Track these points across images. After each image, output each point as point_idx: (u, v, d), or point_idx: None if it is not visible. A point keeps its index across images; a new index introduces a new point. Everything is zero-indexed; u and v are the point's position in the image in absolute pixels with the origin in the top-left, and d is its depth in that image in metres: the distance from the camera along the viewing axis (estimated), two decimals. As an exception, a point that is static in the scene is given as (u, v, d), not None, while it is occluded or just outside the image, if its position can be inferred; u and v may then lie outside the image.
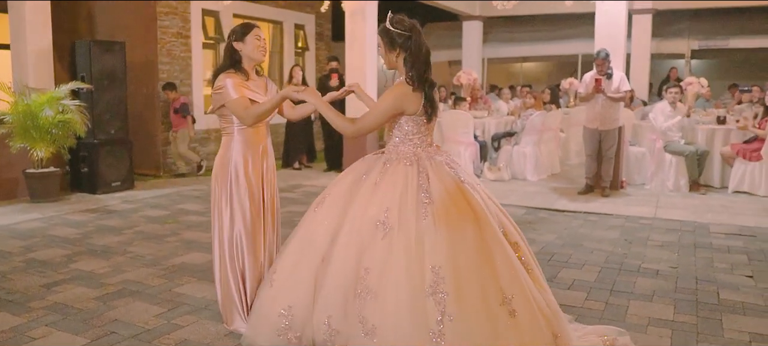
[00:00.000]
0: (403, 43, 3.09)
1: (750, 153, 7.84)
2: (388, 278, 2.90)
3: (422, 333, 2.82)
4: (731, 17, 13.20)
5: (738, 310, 4.07)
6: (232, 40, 3.57)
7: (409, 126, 3.12)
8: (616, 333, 3.46)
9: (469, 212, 3.02)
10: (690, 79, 9.02)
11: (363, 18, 9.49)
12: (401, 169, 3.08)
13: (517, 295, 2.91)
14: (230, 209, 3.56)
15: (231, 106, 3.45)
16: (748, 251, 5.52)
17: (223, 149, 3.59)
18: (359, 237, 3.00)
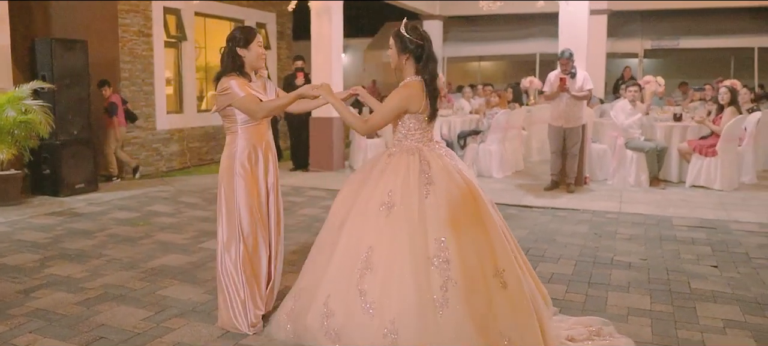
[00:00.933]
0: (414, 49, 3.36)
1: (706, 149, 8.18)
2: (392, 253, 3.12)
3: (426, 301, 3.02)
4: (681, 18, 13.71)
5: (709, 298, 4.27)
6: (234, 45, 3.62)
7: (411, 123, 3.37)
8: (600, 324, 3.63)
9: (468, 192, 3.29)
10: (648, 78, 9.34)
11: (329, 18, 9.50)
12: (403, 158, 3.33)
13: (508, 269, 3.19)
14: (237, 206, 3.62)
15: (241, 104, 3.55)
16: (710, 242, 5.77)
17: (228, 147, 3.69)
18: (363, 220, 3.24)
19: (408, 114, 3.34)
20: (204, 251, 5.25)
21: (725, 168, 8.07)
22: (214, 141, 11.19)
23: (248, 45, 3.60)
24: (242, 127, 3.63)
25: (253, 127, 3.66)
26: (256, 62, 3.66)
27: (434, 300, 3.03)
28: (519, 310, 3.17)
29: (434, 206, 3.17)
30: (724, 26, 13.48)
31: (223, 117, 3.67)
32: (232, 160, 3.63)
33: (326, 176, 9.29)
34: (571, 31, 8.37)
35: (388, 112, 3.35)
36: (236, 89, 3.51)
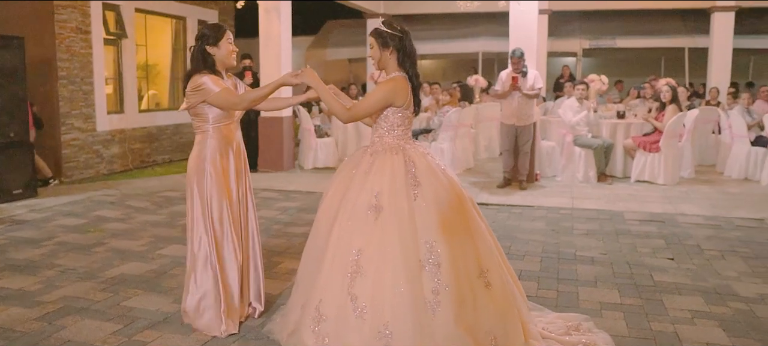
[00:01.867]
0: (396, 43, 3.34)
1: (650, 145, 8.49)
2: (382, 257, 3.07)
3: (419, 304, 3.01)
4: (618, 19, 14.21)
5: (673, 290, 4.41)
6: (204, 44, 3.54)
7: (395, 118, 3.34)
8: (580, 319, 3.69)
9: (453, 193, 3.29)
10: (592, 77, 9.63)
11: (278, 15, 9.33)
12: (388, 158, 3.30)
13: (491, 269, 3.23)
14: (209, 208, 3.52)
15: (217, 99, 3.45)
16: (663, 235, 5.98)
17: (198, 147, 3.57)
18: (351, 223, 3.19)
19: (392, 108, 3.31)
20: (164, 258, 5.04)
21: (668, 163, 8.40)
22: (156, 142, 10.81)
23: (218, 42, 3.53)
24: (214, 126, 3.54)
25: (225, 126, 3.58)
26: (227, 60, 3.58)
27: (427, 303, 3.02)
28: (503, 308, 3.21)
29: (423, 208, 3.15)
30: (657, 27, 14.07)
31: (194, 116, 3.56)
32: (202, 161, 3.53)
33: (277, 177, 9.12)
34: (521, 31, 8.51)
35: (374, 103, 3.31)
36: (211, 85, 3.42)
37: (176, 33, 11.64)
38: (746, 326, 3.78)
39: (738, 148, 8.97)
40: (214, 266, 3.50)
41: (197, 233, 3.51)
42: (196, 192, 3.52)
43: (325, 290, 3.12)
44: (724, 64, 12.63)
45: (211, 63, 3.53)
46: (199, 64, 3.52)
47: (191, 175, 3.55)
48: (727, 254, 5.35)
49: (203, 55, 3.51)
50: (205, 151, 3.53)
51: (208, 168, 3.51)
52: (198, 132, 3.59)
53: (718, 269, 4.93)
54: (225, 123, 3.58)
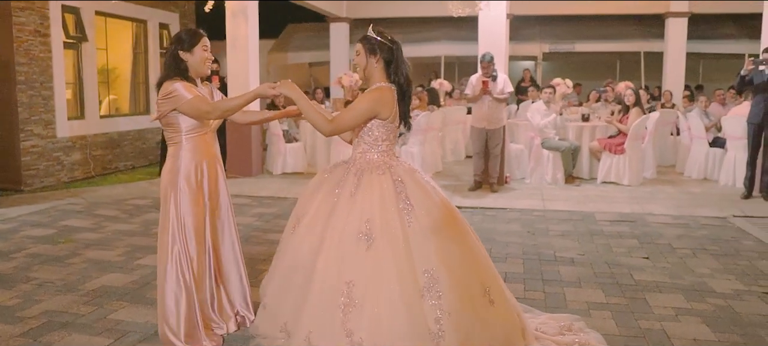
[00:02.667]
0: (385, 52, 3.22)
1: (615, 147, 8.72)
2: (378, 289, 2.91)
3: (422, 335, 2.87)
4: (577, 24, 14.56)
5: (654, 288, 4.55)
6: (177, 48, 3.38)
7: (379, 132, 3.20)
8: (571, 319, 3.76)
9: (446, 210, 3.16)
10: (557, 80, 9.83)
11: (245, 18, 9.21)
12: (375, 179, 3.13)
13: (492, 285, 3.15)
14: (182, 226, 3.36)
15: (190, 107, 3.29)
16: (635, 235, 6.15)
17: (171, 161, 3.40)
18: (340, 251, 3.01)
19: (377, 121, 3.17)
20: (144, 269, 4.92)
21: (632, 164, 8.64)
22: (118, 148, 10.52)
23: (192, 48, 3.36)
24: (186, 137, 3.37)
25: (199, 137, 3.41)
26: (201, 67, 3.42)
27: (430, 333, 2.88)
28: (507, 323, 3.17)
29: (418, 233, 3.00)
30: (614, 32, 14.47)
31: (166, 126, 3.39)
32: (175, 176, 3.36)
33: (246, 182, 9.00)
34: (490, 35, 8.63)
35: (358, 115, 3.16)
36: (183, 92, 3.26)
37: (137, 37, 11.36)
38: (728, 321, 3.92)
39: (697, 149, 9.29)
40: (189, 286, 3.36)
41: (173, 251, 3.35)
42: (171, 208, 3.35)
43: (315, 323, 2.97)
44: (678, 67, 13.08)
45: (184, 69, 3.37)
46: (171, 69, 3.36)
47: (165, 189, 3.38)
48: (697, 252, 5.54)
49: (175, 60, 3.36)
50: (178, 164, 3.36)
51: (182, 184, 3.35)
52: (171, 143, 3.42)
53: (692, 266, 5.10)
54: (200, 133, 3.42)
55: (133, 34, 11.27)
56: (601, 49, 14.83)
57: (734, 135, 8.56)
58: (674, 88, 12.83)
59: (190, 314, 3.38)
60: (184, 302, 3.36)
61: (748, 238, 6.04)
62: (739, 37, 14.30)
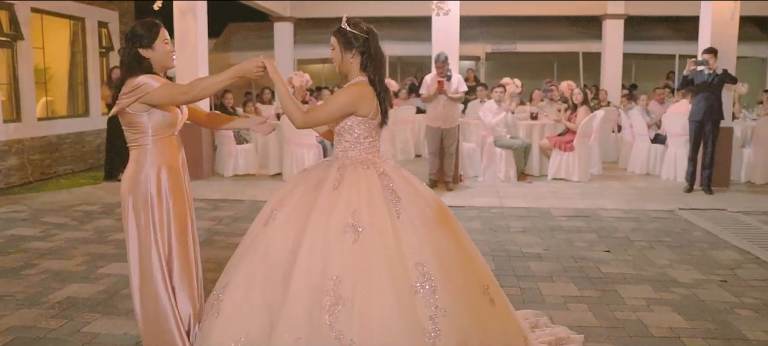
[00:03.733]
0: (360, 44, 3.06)
1: (564, 144, 8.99)
2: (368, 284, 2.71)
3: (416, 334, 2.67)
4: (518, 25, 14.91)
5: (622, 280, 4.71)
6: (136, 46, 3.10)
7: (360, 130, 3.03)
8: (535, 315, 3.76)
9: (437, 206, 3.02)
10: (507, 80, 10.03)
11: (194, 16, 8.98)
12: (360, 171, 2.97)
13: (491, 284, 3.01)
14: (153, 234, 3.11)
15: (160, 93, 3.02)
16: (592, 229, 6.36)
17: (135, 166, 3.10)
18: (324, 246, 2.78)
19: (356, 118, 3.00)
20: (108, 278, 4.71)
21: (581, 161, 8.93)
22: (57, 152, 10.04)
23: (152, 43, 3.10)
24: (153, 139, 3.11)
25: (167, 139, 3.16)
26: (165, 61, 3.16)
27: (425, 332, 2.68)
28: (508, 324, 3.04)
29: (408, 226, 2.83)
30: (554, 33, 14.91)
31: (128, 126, 3.11)
32: (139, 183, 3.09)
33: (197, 185, 8.75)
34: (444, 35, 8.73)
35: (335, 110, 2.99)
36: (151, 81, 3.01)
37: (75, 35, 10.87)
38: (696, 309, 4.11)
39: (639, 145, 9.70)
40: (165, 301, 3.15)
41: (142, 264, 3.14)
42: (131, 218, 3.11)
43: (297, 324, 2.71)
44: (615, 67, 13.61)
45: (148, 67, 3.11)
46: (133, 68, 3.09)
47: (126, 197, 3.11)
48: (654, 244, 5.78)
49: (138, 59, 3.10)
50: (143, 170, 3.09)
51: (150, 190, 3.10)
52: (134, 146, 3.14)
53: (651, 258, 5.32)
54: (167, 135, 3.17)
55: (70, 33, 10.79)
56: (542, 49, 15.25)
57: (674, 132, 8.98)
58: (611, 87, 13.33)
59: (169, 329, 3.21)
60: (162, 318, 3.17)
61: (696, 229, 6.35)
62: (670, 38, 15.00)
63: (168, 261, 3.19)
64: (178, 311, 3.20)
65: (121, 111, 3.06)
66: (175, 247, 3.21)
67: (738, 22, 8.32)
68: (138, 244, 3.13)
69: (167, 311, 3.15)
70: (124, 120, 3.09)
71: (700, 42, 8.59)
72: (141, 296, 3.16)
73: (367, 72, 3.06)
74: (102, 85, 10.23)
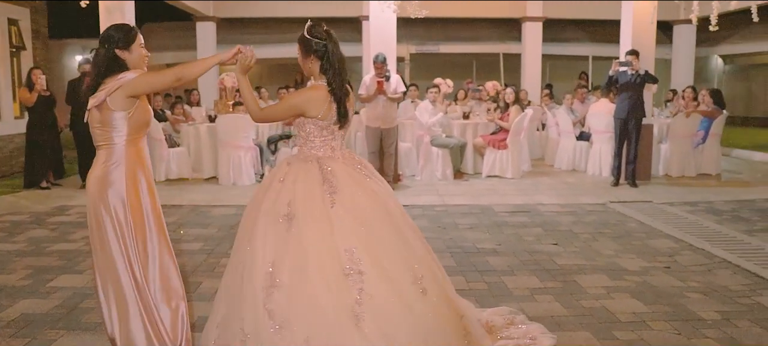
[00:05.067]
0: (318, 50, 3.19)
1: (498, 143, 9.29)
2: (298, 267, 2.91)
3: (343, 316, 2.83)
4: (442, 26, 15.24)
5: (579, 271, 4.95)
6: (113, 47, 3.07)
7: (310, 128, 3.19)
8: (510, 313, 3.82)
9: (376, 197, 3.16)
10: (439, 80, 10.25)
11: (121, 14, 8.56)
12: (302, 166, 3.18)
13: (426, 275, 3.08)
14: (123, 243, 3.03)
15: (143, 81, 3.02)
16: (536, 224, 6.62)
17: (103, 167, 3.01)
18: (264, 235, 3.00)
19: (306, 118, 3.16)
20: (61, 291, 4.44)
21: (514, 159, 9.27)
22: (-34, 160, 9.33)
23: (130, 46, 3.09)
24: (128, 139, 3.04)
25: (139, 141, 3.11)
26: (140, 64, 3.15)
27: (352, 314, 2.83)
28: (441, 318, 3.07)
29: (341, 214, 3.00)
30: (476, 34, 15.37)
31: (102, 126, 3.01)
32: (109, 184, 3.00)
33: (129, 192, 8.37)
34: (381, 36, 8.81)
35: (282, 110, 3.31)
36: (129, 75, 2.99)
37: (-19, 33, 10.14)
38: (651, 295, 4.39)
39: (565, 143, 10.18)
40: (141, 314, 3.06)
41: (125, 271, 3.05)
42: (106, 219, 3.01)
43: (246, 307, 2.93)
44: (535, 68, 14.19)
45: (124, 67, 3.06)
46: (112, 68, 3.03)
47: (99, 198, 3.01)
48: (596, 236, 6.10)
49: (115, 60, 3.05)
50: (113, 173, 3.01)
51: (126, 190, 3.02)
52: (105, 147, 3.04)
53: (597, 249, 5.61)
54: (142, 135, 3.15)
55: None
56: (464, 50, 15.68)
57: (598, 129, 9.49)
58: (531, 87, 13.88)
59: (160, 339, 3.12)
60: (151, 329, 3.08)
61: (631, 221, 6.75)
62: (583, 40, 15.80)
63: (144, 263, 3.11)
64: (159, 315, 3.12)
65: (101, 106, 2.97)
66: (157, 244, 3.16)
67: (656, 24, 8.91)
68: (118, 246, 3.03)
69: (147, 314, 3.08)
70: (101, 118, 3.00)
71: (621, 44, 9.13)
72: (124, 315, 3.06)
73: (326, 76, 3.20)
74: (20, 88, 9.57)
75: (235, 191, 8.47)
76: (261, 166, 9.20)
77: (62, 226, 6.53)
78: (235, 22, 14.94)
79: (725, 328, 3.81)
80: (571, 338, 3.64)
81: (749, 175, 9.92)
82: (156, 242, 3.18)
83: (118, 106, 2.98)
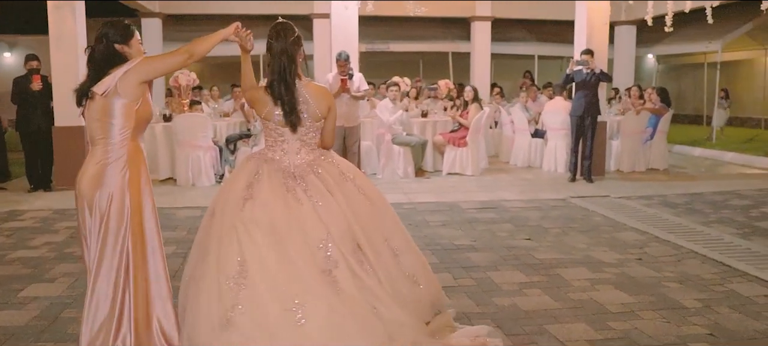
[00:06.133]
0: (268, 49, 3.19)
1: (458, 140, 9.42)
2: (198, 268, 3.03)
3: (216, 320, 2.84)
4: (392, 25, 15.26)
5: (559, 265, 5.07)
6: (111, 42, 2.99)
7: (264, 125, 3.25)
8: (486, 333, 3.46)
9: (287, 217, 3.06)
10: (396, 79, 10.28)
11: (72, 11, 8.24)
12: (243, 164, 3.26)
13: (309, 303, 2.89)
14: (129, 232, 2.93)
15: (155, 63, 2.99)
16: (505, 219, 6.75)
17: (100, 165, 2.90)
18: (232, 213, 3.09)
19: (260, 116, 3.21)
20: (37, 302, 4.22)
21: (474, 156, 9.41)
22: None
23: (128, 40, 3.01)
24: (133, 133, 2.94)
25: (139, 137, 3.02)
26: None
27: (224, 319, 2.83)
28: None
29: (248, 223, 2.99)
30: (424, 33, 15.48)
31: (98, 120, 2.90)
32: (99, 185, 2.89)
33: (82, 195, 8.02)
34: (343, 34, 8.78)
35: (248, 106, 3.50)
36: (132, 63, 2.92)
37: None
38: (633, 285, 4.55)
39: (520, 140, 10.41)
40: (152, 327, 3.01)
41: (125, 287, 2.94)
42: (114, 217, 2.89)
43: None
44: (483, 67, 14.45)
45: (124, 61, 2.97)
46: (113, 61, 2.95)
47: (90, 202, 2.89)
48: (566, 230, 6.27)
49: (115, 54, 2.97)
50: (114, 170, 2.90)
51: (125, 195, 2.92)
52: (101, 142, 2.92)
53: (570, 243, 5.78)
54: (141, 132, 3.05)
55: None
56: (414, 49, 15.79)
57: (553, 127, 9.76)
58: (481, 86, 14.06)
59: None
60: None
61: (594, 215, 6.97)
62: (527, 40, 16.20)
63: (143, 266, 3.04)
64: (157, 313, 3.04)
65: (108, 94, 2.87)
66: (155, 241, 3.08)
67: (608, 25, 9.24)
68: (119, 244, 2.93)
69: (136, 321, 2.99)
70: (104, 108, 2.89)
71: (575, 44, 9.41)
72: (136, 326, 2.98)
73: (269, 75, 3.20)
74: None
75: (195, 192, 8.25)
76: (221, 166, 9.00)
77: (19, 232, 6.20)
78: (182, 19, 14.53)
79: (708, 315, 4.00)
80: (569, 331, 3.73)
81: (693, 169, 10.43)
82: (157, 246, 3.09)
83: (129, 94, 2.90)
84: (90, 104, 2.93)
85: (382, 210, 3.44)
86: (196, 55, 2.99)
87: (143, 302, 3.01)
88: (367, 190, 3.37)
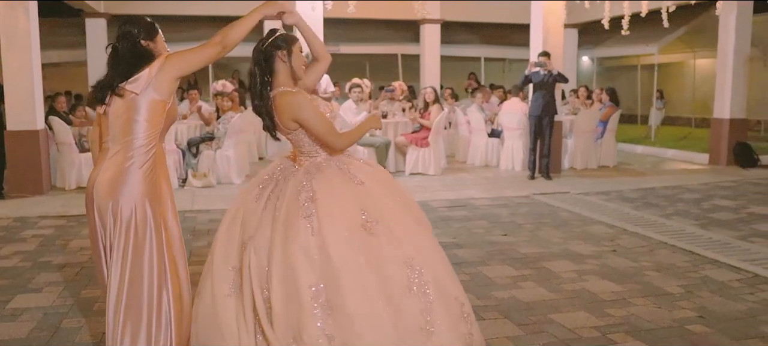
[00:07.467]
0: None
1: (420, 141, 9.58)
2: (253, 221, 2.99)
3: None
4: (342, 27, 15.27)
5: (544, 258, 5.28)
6: (138, 38, 2.92)
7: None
8: None
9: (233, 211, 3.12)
10: (357, 80, 10.34)
11: (25, 10, 7.91)
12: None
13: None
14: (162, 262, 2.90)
15: (189, 56, 2.88)
16: (478, 217, 6.95)
17: (120, 167, 2.80)
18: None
19: None
20: (29, 312, 4.07)
21: (435, 156, 9.60)
22: None
23: (154, 37, 2.96)
24: (160, 136, 2.90)
25: (162, 139, 2.98)
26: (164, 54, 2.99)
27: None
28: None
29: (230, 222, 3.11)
30: (374, 35, 15.58)
31: (120, 118, 2.81)
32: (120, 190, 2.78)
33: (36, 203, 7.70)
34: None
35: None
36: (160, 58, 2.87)
37: None
38: (618, 275, 4.81)
39: (477, 140, 10.68)
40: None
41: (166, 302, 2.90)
42: (150, 225, 2.84)
43: None
44: (433, 69, 14.69)
45: (152, 57, 2.90)
46: (143, 57, 2.87)
47: (106, 208, 2.79)
48: (538, 225, 6.52)
49: (144, 50, 2.90)
50: (137, 174, 2.82)
51: (142, 202, 2.83)
52: (123, 142, 2.82)
53: (545, 237, 6.01)
54: (165, 135, 3.02)
55: None
56: (364, 51, 15.87)
57: (510, 126, 10.06)
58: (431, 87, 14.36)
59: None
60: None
61: (561, 211, 7.26)
62: (473, 42, 16.57)
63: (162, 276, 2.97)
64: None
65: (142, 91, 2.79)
66: (181, 258, 3.04)
67: (563, 27, 9.62)
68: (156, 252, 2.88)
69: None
70: (131, 106, 2.79)
71: (531, 45, 9.74)
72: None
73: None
74: None
75: (160, 197, 8.04)
76: (183, 169, 8.82)
77: (-12, 241, 5.92)
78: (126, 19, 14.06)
79: (692, 299, 4.28)
80: (573, 319, 3.92)
81: (639, 166, 10.99)
82: (180, 256, 3.04)
83: (163, 91, 2.83)
84: (115, 101, 2.82)
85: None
86: (230, 46, 2.87)
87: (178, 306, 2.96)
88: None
